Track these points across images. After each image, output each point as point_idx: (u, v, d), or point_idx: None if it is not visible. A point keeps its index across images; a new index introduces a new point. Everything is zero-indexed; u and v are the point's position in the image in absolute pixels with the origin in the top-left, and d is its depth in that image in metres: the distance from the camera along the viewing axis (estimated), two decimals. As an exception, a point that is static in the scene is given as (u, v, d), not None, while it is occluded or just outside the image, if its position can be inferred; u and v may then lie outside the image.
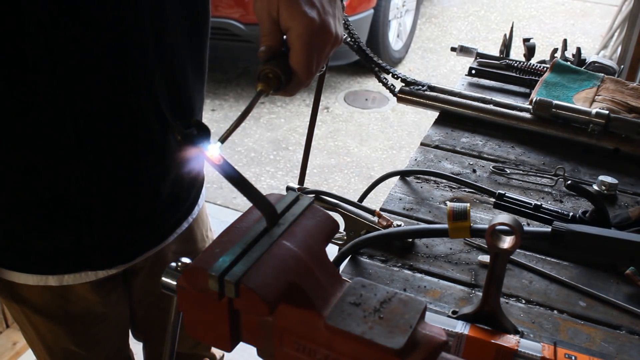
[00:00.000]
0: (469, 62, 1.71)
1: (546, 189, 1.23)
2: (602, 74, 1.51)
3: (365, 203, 1.10)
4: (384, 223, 1.04)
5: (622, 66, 2.21)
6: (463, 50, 1.69)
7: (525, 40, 1.68)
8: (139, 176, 1.02)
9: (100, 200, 0.99)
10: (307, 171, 1.39)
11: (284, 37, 0.81)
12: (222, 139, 0.69)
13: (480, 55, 1.69)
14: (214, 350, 1.50)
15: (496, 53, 1.70)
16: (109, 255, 1.07)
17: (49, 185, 0.95)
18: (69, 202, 0.97)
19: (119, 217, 1.03)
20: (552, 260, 1.04)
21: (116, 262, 1.09)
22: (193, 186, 1.18)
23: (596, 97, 1.42)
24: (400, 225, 1.04)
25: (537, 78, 1.55)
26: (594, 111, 1.32)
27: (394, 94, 1.51)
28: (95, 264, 1.07)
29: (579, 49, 1.60)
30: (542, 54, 1.71)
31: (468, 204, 0.88)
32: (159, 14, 0.91)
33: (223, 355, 1.54)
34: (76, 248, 1.03)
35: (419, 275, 1.01)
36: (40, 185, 0.94)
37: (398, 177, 1.25)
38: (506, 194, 1.08)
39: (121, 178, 0.99)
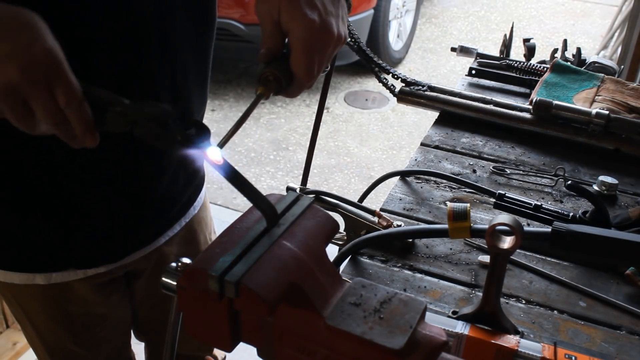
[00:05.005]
0: (469, 62, 1.71)
1: (546, 189, 1.23)
2: (602, 74, 1.51)
3: (365, 203, 1.10)
4: (384, 223, 1.04)
5: (622, 66, 2.21)
6: (463, 51, 1.69)
7: (525, 41, 1.68)
8: (134, 175, 1.01)
9: (92, 199, 0.99)
10: (307, 171, 1.38)
11: (286, 39, 0.81)
12: (222, 143, 0.69)
13: (480, 55, 1.69)
14: (216, 351, 1.50)
15: (496, 53, 1.70)
16: (97, 253, 1.06)
17: (42, 182, 0.94)
18: (61, 199, 0.96)
19: (110, 215, 1.03)
20: (552, 260, 1.04)
21: (105, 260, 1.08)
22: (189, 187, 1.17)
23: (596, 97, 1.42)
24: (400, 226, 1.04)
25: (537, 78, 1.55)
26: (594, 111, 1.32)
27: (394, 94, 1.51)
28: (83, 262, 1.06)
29: (579, 49, 1.60)
30: (542, 54, 1.71)
31: (468, 204, 0.88)
32: (166, 16, 0.91)
33: (225, 357, 1.54)
34: (64, 245, 1.02)
35: (419, 275, 1.01)
36: (32, 181, 0.94)
37: (398, 177, 1.25)
38: (506, 194, 1.08)
39: (116, 176, 0.99)
